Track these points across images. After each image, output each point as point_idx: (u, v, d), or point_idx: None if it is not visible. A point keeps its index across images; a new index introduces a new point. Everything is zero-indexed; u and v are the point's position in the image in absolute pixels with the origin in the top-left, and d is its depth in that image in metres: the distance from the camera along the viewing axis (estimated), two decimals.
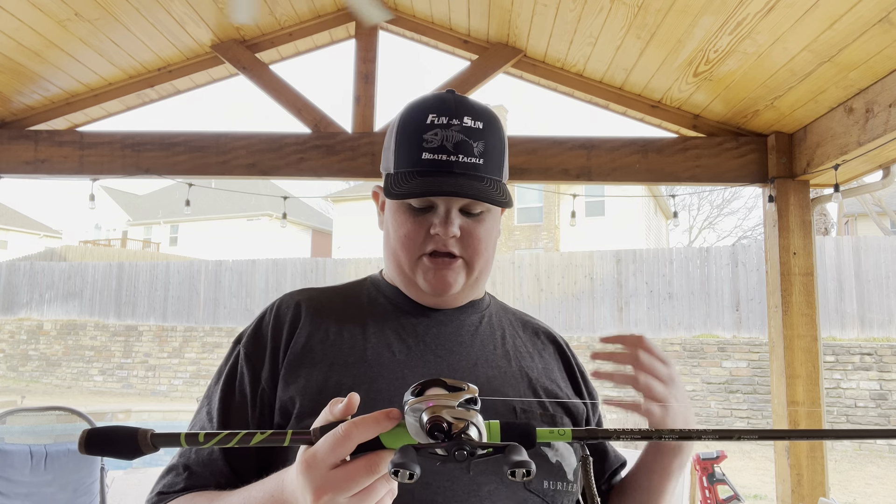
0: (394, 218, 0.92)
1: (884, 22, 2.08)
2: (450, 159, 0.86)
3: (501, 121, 0.95)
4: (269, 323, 0.92)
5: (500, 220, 0.99)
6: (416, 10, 3.34)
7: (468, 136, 0.87)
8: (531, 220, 19.29)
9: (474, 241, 0.91)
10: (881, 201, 15.00)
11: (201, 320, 14.07)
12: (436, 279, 0.90)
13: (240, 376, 0.90)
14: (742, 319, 10.44)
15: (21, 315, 15.64)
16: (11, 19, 2.67)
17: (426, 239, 0.89)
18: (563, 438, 0.64)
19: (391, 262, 0.94)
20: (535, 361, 0.97)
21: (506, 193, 0.90)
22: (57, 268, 15.70)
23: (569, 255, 12.00)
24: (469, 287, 0.94)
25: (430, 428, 0.57)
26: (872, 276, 9.85)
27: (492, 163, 0.89)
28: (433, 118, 0.87)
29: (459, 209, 0.89)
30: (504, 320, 1.02)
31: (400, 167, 0.89)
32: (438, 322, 0.94)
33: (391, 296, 0.97)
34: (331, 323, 0.92)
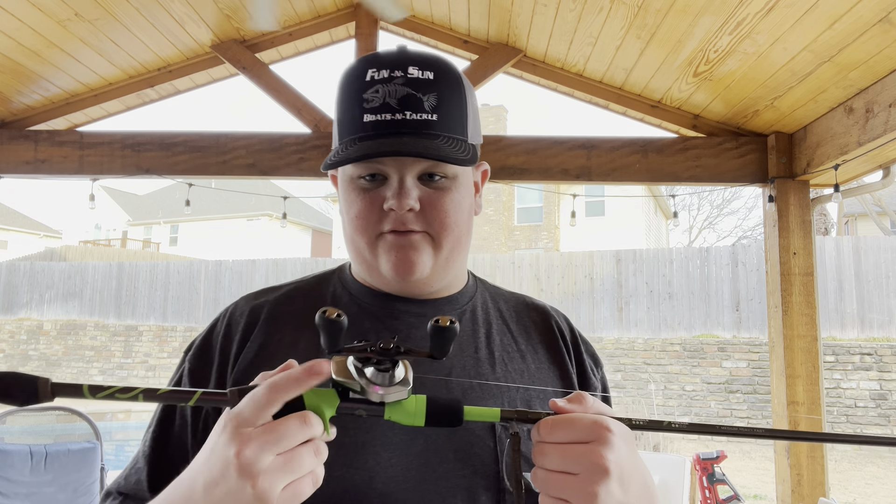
0: (345, 198, 0.81)
1: (884, 22, 2.08)
2: (395, 118, 0.73)
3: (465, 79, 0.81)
4: (220, 332, 0.82)
5: (472, 190, 0.85)
6: (416, 10, 3.34)
7: (415, 88, 0.74)
8: (531, 220, 19.29)
9: (438, 212, 0.77)
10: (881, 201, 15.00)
11: (201, 320, 14.07)
12: (398, 258, 0.77)
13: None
14: (742, 319, 10.43)
15: (21, 315, 15.64)
16: (11, 19, 2.67)
17: (381, 217, 0.77)
18: (492, 417, 0.61)
19: (350, 250, 0.83)
20: (528, 361, 0.84)
21: (469, 151, 0.76)
22: (57, 268, 15.70)
23: (569, 255, 12.00)
24: (440, 269, 0.80)
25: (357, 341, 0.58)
26: (872, 276, 9.85)
27: (449, 118, 0.75)
28: (373, 73, 0.75)
29: (418, 177, 0.77)
30: (493, 311, 0.88)
31: (343, 137, 0.77)
32: (408, 326, 0.81)
33: (357, 294, 0.85)
34: (287, 330, 0.81)
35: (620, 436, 0.59)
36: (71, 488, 3.29)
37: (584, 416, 0.60)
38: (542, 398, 0.80)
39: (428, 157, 0.72)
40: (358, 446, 0.70)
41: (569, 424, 0.60)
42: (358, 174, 0.78)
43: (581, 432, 0.59)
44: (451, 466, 0.72)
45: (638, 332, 10.96)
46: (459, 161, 0.73)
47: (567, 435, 0.59)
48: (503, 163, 3.25)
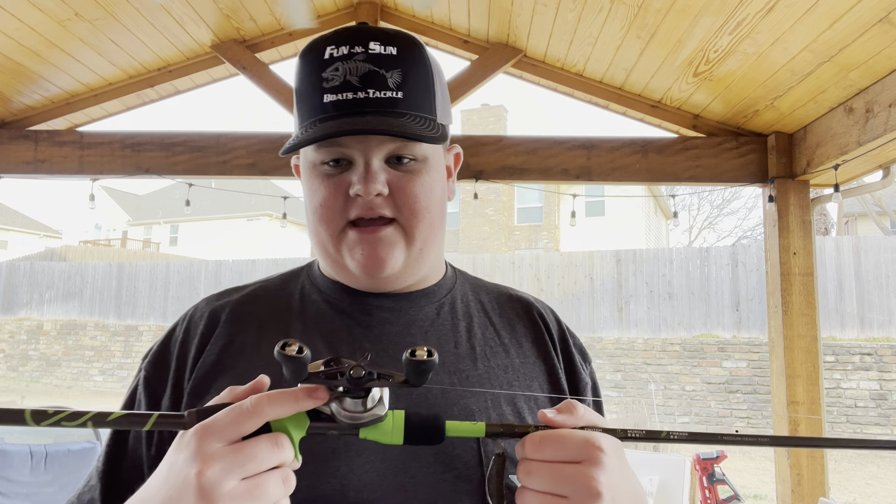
0: (308, 187, 0.75)
1: (884, 22, 2.08)
2: (357, 96, 0.68)
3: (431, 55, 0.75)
4: (178, 338, 0.76)
5: (444, 174, 0.79)
6: (416, 10, 3.34)
7: (378, 64, 0.69)
8: (531, 220, 19.29)
9: (408, 197, 0.71)
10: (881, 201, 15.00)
11: None
12: (366, 255, 0.71)
13: (136, 406, 0.75)
14: (742, 319, 10.43)
15: (21, 315, 15.64)
16: (11, 19, 2.67)
17: (347, 204, 0.71)
18: (476, 432, 0.56)
19: (315, 243, 0.77)
20: (512, 357, 0.78)
21: (438, 129, 0.71)
22: (57, 268, 15.70)
23: (569, 255, 12.00)
24: (413, 262, 0.75)
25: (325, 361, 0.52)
26: (872, 276, 9.85)
27: (415, 95, 0.70)
28: (332, 51, 0.70)
29: (385, 160, 0.71)
30: (473, 305, 0.82)
31: (303, 120, 0.72)
32: (381, 322, 0.76)
33: (326, 290, 0.79)
34: (250, 332, 0.75)
35: (612, 453, 0.55)
36: (71, 488, 3.29)
37: (575, 434, 0.55)
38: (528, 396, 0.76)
39: (393, 134, 0.67)
40: (328, 452, 0.65)
41: (558, 442, 0.55)
42: (321, 159, 0.72)
43: (571, 451, 0.54)
44: (431, 471, 0.66)
45: (638, 332, 10.96)
46: (428, 139, 0.68)
47: (556, 453, 0.54)
48: (503, 163, 3.25)
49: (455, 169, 0.85)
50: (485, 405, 0.71)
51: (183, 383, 0.72)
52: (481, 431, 0.56)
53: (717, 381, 9.94)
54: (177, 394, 0.72)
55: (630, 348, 10.62)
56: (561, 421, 0.56)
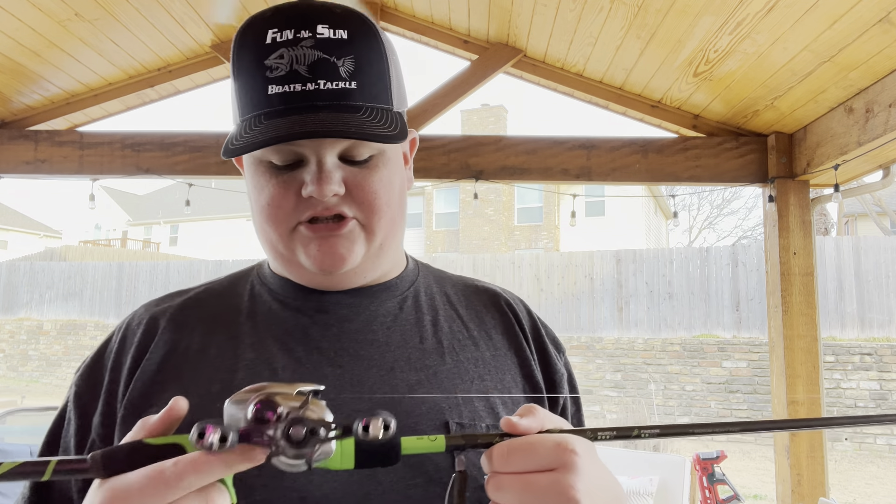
0: (253, 183, 0.68)
1: (884, 22, 2.08)
2: (306, 88, 0.61)
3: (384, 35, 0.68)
4: (113, 348, 0.70)
5: (402, 163, 0.73)
6: (416, 10, 3.34)
7: (328, 51, 0.62)
8: (531, 220, 19.29)
9: (367, 194, 0.66)
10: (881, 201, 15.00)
11: None
12: (322, 251, 0.65)
13: (66, 425, 0.68)
14: (742, 319, 10.43)
15: (21, 315, 15.64)
16: (11, 19, 2.67)
17: (298, 205, 0.65)
18: (436, 448, 0.50)
19: (263, 242, 0.70)
20: (482, 350, 0.73)
21: (397, 123, 0.64)
22: (57, 268, 15.70)
23: (569, 255, 12.00)
24: (373, 258, 0.69)
25: (256, 414, 0.44)
26: (872, 276, 9.85)
27: (370, 85, 0.64)
28: (274, 35, 0.62)
29: (340, 157, 0.65)
30: (438, 298, 0.77)
31: (245, 114, 0.64)
32: (340, 319, 0.70)
33: (277, 289, 0.73)
34: (195, 337, 0.69)
35: (585, 456, 0.50)
36: None
37: (546, 439, 0.49)
38: (499, 389, 0.70)
39: (350, 136, 0.60)
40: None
41: (528, 450, 0.49)
42: (268, 158, 0.65)
43: (543, 458, 0.49)
44: (400, 476, 0.61)
45: (638, 332, 10.96)
46: (388, 138, 0.62)
47: (527, 463, 0.49)
48: (503, 163, 3.25)
49: (411, 155, 0.79)
50: (455, 402, 0.66)
51: (116, 398, 0.66)
52: (441, 446, 0.50)
53: (717, 381, 9.94)
54: (109, 409, 0.66)
55: (630, 348, 10.62)
56: (526, 426, 0.51)
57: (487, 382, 0.70)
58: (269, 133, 0.60)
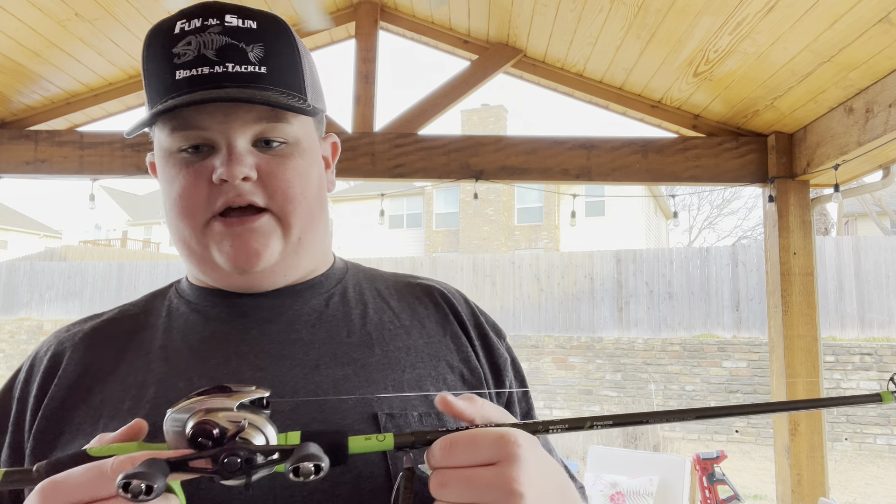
0: (165, 177, 0.66)
1: (884, 22, 2.08)
2: (214, 70, 0.60)
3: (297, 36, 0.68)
4: (21, 378, 0.67)
5: (320, 161, 0.71)
6: (416, 10, 3.34)
7: (236, 37, 0.62)
8: (531, 220, 19.29)
9: (280, 182, 0.64)
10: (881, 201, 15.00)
11: None
12: (235, 247, 0.63)
13: None
14: (742, 319, 10.43)
15: (21, 315, 15.64)
16: (11, 19, 2.67)
17: (211, 193, 0.62)
18: (384, 446, 0.49)
19: (176, 242, 0.67)
20: (415, 338, 0.70)
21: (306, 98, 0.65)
22: (57, 268, 15.70)
23: (569, 255, 12.00)
24: (290, 256, 0.67)
25: (193, 435, 0.44)
26: (872, 276, 9.85)
27: (281, 72, 0.63)
28: (182, 25, 0.62)
29: (252, 144, 0.64)
30: (368, 293, 0.74)
31: (154, 104, 0.63)
32: (261, 321, 0.67)
33: (195, 299, 0.70)
34: (106, 358, 0.66)
35: (528, 448, 0.48)
36: None
37: (488, 432, 0.48)
38: (433, 376, 0.67)
39: (255, 102, 0.59)
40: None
41: (471, 444, 0.48)
42: (177, 146, 0.64)
43: (486, 451, 0.47)
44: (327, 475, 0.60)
45: (638, 332, 10.96)
46: (295, 108, 0.61)
47: (469, 456, 0.47)
48: (503, 163, 3.25)
49: (333, 160, 0.77)
50: (386, 391, 0.64)
51: (23, 427, 0.63)
52: (389, 444, 0.49)
53: (717, 381, 9.94)
54: (17, 438, 0.63)
55: (630, 348, 10.62)
56: (461, 408, 0.50)
57: (420, 370, 0.67)
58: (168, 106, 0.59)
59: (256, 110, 0.63)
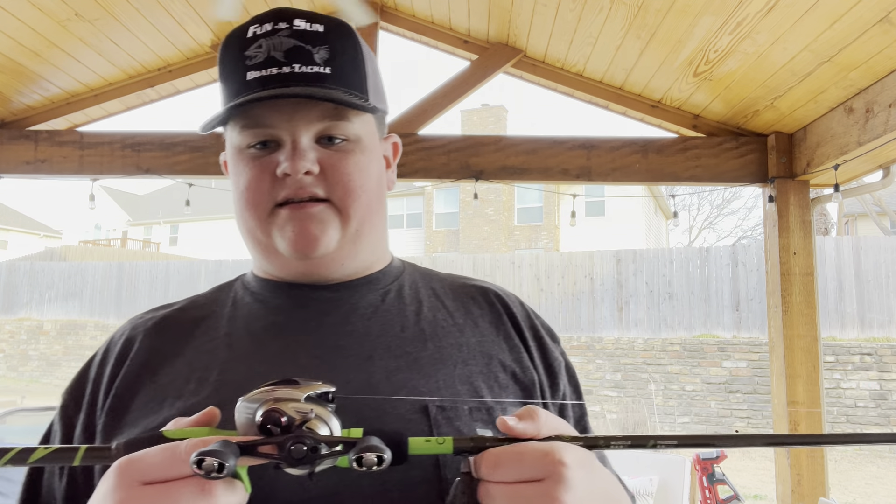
0: (233, 171, 0.70)
1: (884, 22, 2.08)
2: (282, 71, 0.64)
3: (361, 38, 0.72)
4: (97, 360, 0.72)
5: (381, 159, 0.75)
6: (416, 10, 3.34)
7: (303, 40, 0.66)
8: (531, 220, 19.29)
9: (340, 175, 0.67)
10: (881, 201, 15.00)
11: None
12: (296, 231, 0.66)
13: (52, 437, 0.71)
14: (742, 319, 10.43)
15: (21, 315, 15.64)
16: (11, 19, 2.67)
17: (274, 185, 0.67)
18: (443, 450, 0.50)
19: (244, 233, 0.72)
20: (467, 336, 0.71)
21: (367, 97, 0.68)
22: (57, 268, 15.70)
23: (569, 255, 12.00)
24: (349, 245, 0.70)
25: (263, 422, 0.46)
26: (872, 276, 9.85)
27: (344, 73, 0.67)
28: (255, 29, 0.67)
29: (315, 139, 0.67)
30: (424, 290, 0.76)
31: (227, 103, 0.67)
32: (319, 312, 0.70)
33: (259, 290, 0.74)
34: (173, 343, 0.70)
35: (577, 465, 0.49)
36: None
37: (534, 449, 0.49)
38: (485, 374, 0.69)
39: (318, 98, 0.63)
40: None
41: (516, 461, 0.48)
42: (246, 143, 0.68)
43: (530, 469, 0.48)
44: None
45: (638, 332, 10.96)
46: (355, 105, 0.65)
47: (514, 473, 0.48)
48: (503, 163, 3.25)
49: (394, 160, 0.80)
50: (436, 385, 0.65)
51: (97, 404, 0.67)
52: (448, 448, 0.50)
53: (717, 381, 9.94)
54: (90, 416, 0.67)
55: (630, 348, 10.62)
56: (522, 430, 0.50)
57: (472, 367, 0.68)
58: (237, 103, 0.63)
59: (319, 108, 0.66)
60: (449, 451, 0.50)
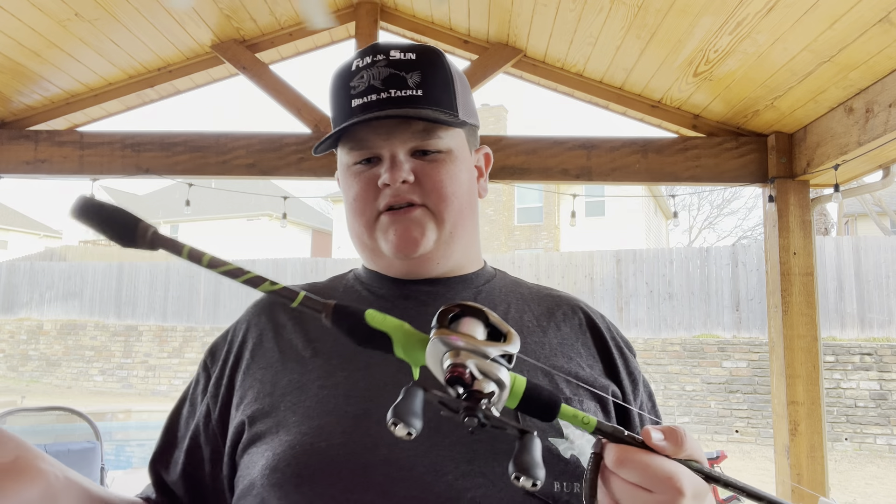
0: (344, 186, 0.83)
1: (884, 22, 2.08)
2: (380, 97, 0.75)
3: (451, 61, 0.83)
4: (232, 329, 0.86)
5: (472, 169, 0.86)
6: (416, 10, 3.34)
7: (398, 68, 0.76)
8: (531, 220, 19.29)
9: (434, 182, 0.77)
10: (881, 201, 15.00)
11: (201, 320, 14.07)
12: (398, 235, 0.77)
13: (194, 384, 0.86)
14: (742, 319, 10.43)
15: (21, 315, 15.64)
16: (11, 19, 2.67)
17: (377, 194, 0.77)
18: (586, 428, 0.55)
19: (353, 238, 0.83)
20: (550, 336, 0.80)
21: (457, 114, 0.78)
22: (57, 268, 15.70)
23: (569, 255, 12.00)
24: (444, 244, 0.79)
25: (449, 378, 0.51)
26: (872, 276, 9.85)
27: (435, 94, 0.77)
28: (357, 62, 0.78)
29: (411, 153, 0.77)
30: (512, 295, 0.85)
31: (335, 127, 0.80)
32: (419, 303, 0.80)
33: (368, 281, 0.86)
34: (291, 320, 0.82)
35: (692, 497, 0.53)
36: None
37: (661, 466, 0.52)
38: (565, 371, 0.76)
39: (409, 117, 0.73)
40: (360, 414, 0.69)
41: (640, 468, 0.53)
42: (352, 161, 0.79)
43: (650, 482, 0.52)
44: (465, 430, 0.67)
45: (638, 332, 10.96)
46: (442, 121, 0.75)
47: (634, 477, 0.53)
48: (503, 163, 3.25)
49: (486, 170, 0.92)
50: (533, 375, 0.73)
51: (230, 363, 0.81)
52: (591, 427, 0.55)
53: (717, 381, 9.94)
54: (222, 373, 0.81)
55: None
56: (661, 448, 0.54)
57: (554, 363, 0.77)
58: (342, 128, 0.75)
59: (413, 126, 0.77)
60: (590, 430, 0.55)
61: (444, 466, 0.66)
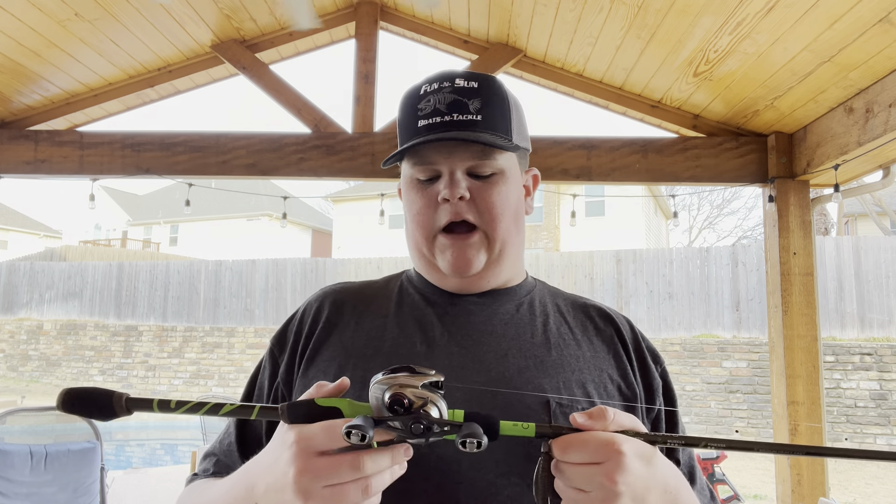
0: (406, 199, 0.90)
1: (884, 22, 2.08)
2: (444, 119, 0.83)
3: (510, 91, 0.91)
4: (297, 318, 0.93)
5: (521, 189, 0.93)
6: (416, 10, 3.34)
7: (461, 94, 0.85)
8: (531, 220, 19.27)
9: (487, 204, 0.85)
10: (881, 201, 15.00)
11: (201, 320, 14.07)
12: (455, 256, 0.85)
13: (261, 370, 0.93)
14: (742, 319, 10.43)
15: (21, 315, 15.63)
16: (11, 19, 2.67)
17: (438, 209, 0.86)
18: (527, 434, 0.62)
19: (412, 248, 0.92)
20: (584, 349, 0.87)
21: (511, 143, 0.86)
22: (57, 268, 15.70)
23: (569, 255, 12.00)
24: (493, 265, 0.88)
25: (390, 402, 0.60)
26: (872, 276, 9.85)
27: (493, 120, 0.85)
28: (426, 87, 0.87)
29: (468, 173, 0.86)
30: (550, 305, 0.93)
31: (402, 144, 0.88)
32: (467, 311, 0.88)
33: (420, 287, 0.93)
34: (354, 316, 0.90)
35: (635, 455, 0.61)
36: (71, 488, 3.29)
37: (597, 437, 0.62)
38: (596, 382, 0.84)
39: (467, 140, 0.81)
40: None
41: (581, 446, 0.61)
42: (415, 176, 0.88)
43: (593, 454, 0.61)
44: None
45: None
46: (498, 145, 0.83)
47: (579, 456, 0.61)
48: None
49: (534, 190, 1.01)
50: (558, 387, 0.81)
51: (297, 354, 0.88)
52: (531, 432, 0.62)
53: (717, 381, 9.94)
54: (291, 361, 0.88)
55: None
56: (589, 426, 0.62)
57: (585, 375, 0.84)
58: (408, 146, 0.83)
59: (471, 148, 0.85)
60: (532, 434, 0.62)
61: (486, 465, 0.74)
